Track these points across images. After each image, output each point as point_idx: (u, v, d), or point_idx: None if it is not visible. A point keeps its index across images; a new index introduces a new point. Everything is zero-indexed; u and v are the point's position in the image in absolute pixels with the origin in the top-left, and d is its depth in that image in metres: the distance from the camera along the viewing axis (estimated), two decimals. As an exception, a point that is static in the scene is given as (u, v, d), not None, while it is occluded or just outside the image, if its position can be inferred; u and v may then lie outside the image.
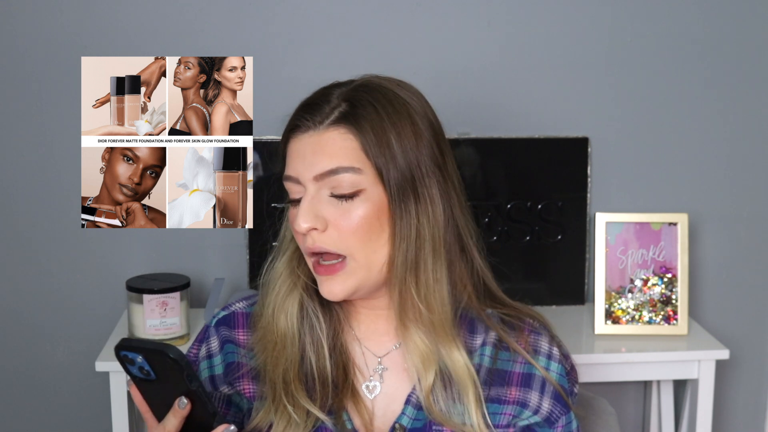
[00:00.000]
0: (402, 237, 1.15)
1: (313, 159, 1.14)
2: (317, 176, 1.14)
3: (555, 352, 1.24)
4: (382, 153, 1.14)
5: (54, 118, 1.94)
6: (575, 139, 2.00)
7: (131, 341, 1.04)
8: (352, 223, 1.14)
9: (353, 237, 1.14)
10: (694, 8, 2.01)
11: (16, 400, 2.04)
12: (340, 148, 1.14)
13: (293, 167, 1.16)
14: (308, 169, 1.14)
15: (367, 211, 1.14)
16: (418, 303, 1.17)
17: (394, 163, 1.14)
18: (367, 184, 1.14)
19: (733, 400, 2.16)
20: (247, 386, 1.23)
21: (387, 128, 1.14)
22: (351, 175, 1.13)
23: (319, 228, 1.14)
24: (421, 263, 1.17)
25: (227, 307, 1.29)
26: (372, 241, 1.15)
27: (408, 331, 1.19)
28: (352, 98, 1.16)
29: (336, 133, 1.14)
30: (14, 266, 2.00)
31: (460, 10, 1.97)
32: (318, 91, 1.20)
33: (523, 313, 1.27)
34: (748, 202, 2.09)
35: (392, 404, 1.22)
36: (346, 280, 1.16)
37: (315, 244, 1.15)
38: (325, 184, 1.14)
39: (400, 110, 1.16)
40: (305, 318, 1.22)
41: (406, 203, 1.15)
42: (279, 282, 1.23)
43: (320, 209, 1.14)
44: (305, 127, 1.16)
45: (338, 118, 1.15)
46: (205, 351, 1.26)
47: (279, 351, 1.20)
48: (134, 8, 1.92)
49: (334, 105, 1.16)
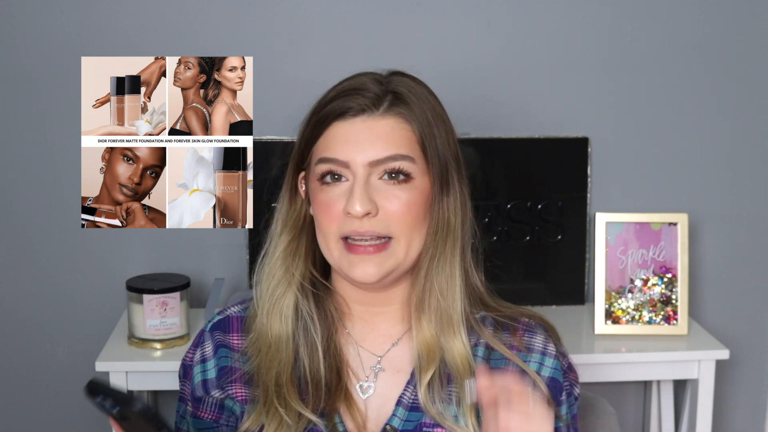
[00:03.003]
0: (437, 228, 1.18)
1: (369, 144, 1.15)
2: (373, 162, 1.15)
3: (550, 349, 1.24)
4: (432, 144, 1.17)
5: (54, 118, 1.94)
6: (575, 139, 2.00)
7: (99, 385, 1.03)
8: (403, 208, 1.15)
9: (402, 222, 1.16)
10: (694, 9, 2.01)
11: (16, 400, 2.04)
12: (398, 136, 1.16)
13: (342, 151, 1.16)
14: (363, 153, 1.15)
15: (416, 199, 1.16)
16: (437, 295, 1.19)
17: (437, 155, 1.17)
18: (417, 174, 1.17)
19: (733, 400, 2.16)
20: (239, 390, 1.23)
21: (431, 121, 1.18)
22: (406, 163, 1.16)
23: (372, 212, 1.15)
24: (443, 256, 1.19)
25: (222, 312, 1.29)
26: (417, 228, 1.17)
27: (420, 323, 1.20)
28: (395, 89, 1.18)
29: (393, 120, 1.16)
30: (14, 266, 2.00)
31: (460, 10, 1.97)
32: (349, 80, 1.20)
33: (520, 314, 1.27)
34: (748, 202, 2.09)
35: (385, 406, 1.21)
36: (384, 262, 1.16)
37: (363, 228, 1.15)
38: (377, 169, 1.15)
39: (435, 106, 1.20)
40: (299, 320, 1.22)
41: (442, 196, 1.19)
42: (273, 283, 1.23)
43: (372, 194, 1.15)
44: (357, 111, 1.16)
45: (391, 105, 1.16)
46: (199, 355, 1.26)
47: (273, 354, 1.21)
48: (134, 8, 1.92)
49: (380, 92, 1.17)
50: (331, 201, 1.16)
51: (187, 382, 1.27)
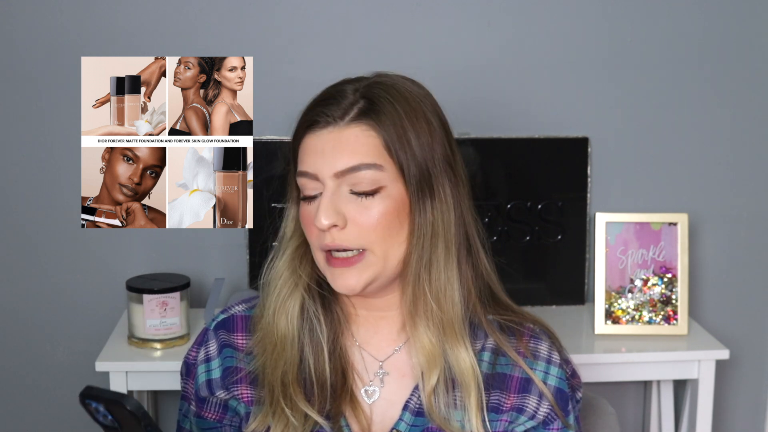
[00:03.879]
0: (419, 234, 1.15)
1: (334, 155, 1.13)
2: (338, 173, 1.13)
3: (555, 357, 1.24)
4: (403, 150, 1.14)
5: (54, 118, 1.94)
6: (575, 139, 2.00)
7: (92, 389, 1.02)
8: (372, 220, 1.13)
9: (373, 233, 1.14)
10: (694, 8, 2.01)
11: (16, 401, 2.04)
12: (362, 145, 1.13)
13: (311, 163, 1.15)
14: (328, 165, 1.13)
15: (387, 208, 1.14)
16: (431, 301, 1.17)
17: (414, 160, 1.14)
18: (388, 181, 1.14)
19: (733, 400, 2.16)
20: (245, 391, 1.22)
21: (406, 125, 1.14)
22: (373, 172, 1.13)
23: (339, 225, 1.13)
24: (434, 261, 1.17)
25: (226, 310, 1.29)
26: (391, 237, 1.15)
27: (417, 329, 1.18)
28: (370, 95, 1.15)
29: (358, 129, 1.14)
30: (14, 266, 2.00)
31: (460, 10, 1.97)
32: (330, 88, 1.19)
33: (525, 319, 1.26)
34: (748, 202, 2.09)
35: (390, 410, 1.21)
36: (363, 273, 1.15)
37: (334, 242, 1.14)
38: (345, 180, 1.13)
39: (416, 108, 1.16)
40: (305, 320, 1.21)
41: (423, 200, 1.15)
42: (280, 283, 1.22)
43: (340, 206, 1.13)
44: (324, 123, 1.14)
45: (359, 114, 1.14)
46: (203, 354, 1.26)
47: (278, 353, 1.20)
48: (134, 8, 1.92)
49: (351, 101, 1.15)
50: (309, 215, 1.16)
51: (190, 381, 1.27)
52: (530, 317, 1.27)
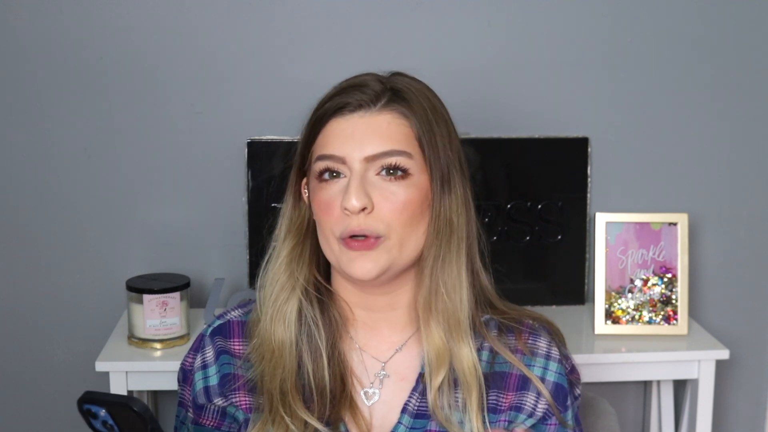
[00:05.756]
0: (438, 229, 1.16)
1: (366, 140, 1.13)
2: (369, 157, 1.13)
3: (553, 353, 1.24)
4: (430, 143, 1.16)
5: (54, 118, 1.94)
6: (575, 139, 2.00)
7: (95, 394, 1.01)
8: (398, 206, 1.14)
9: (397, 219, 1.14)
10: (694, 8, 2.01)
11: (17, 400, 2.04)
12: (395, 132, 1.14)
13: (339, 147, 1.14)
14: (359, 149, 1.13)
15: (412, 196, 1.15)
16: (445, 297, 1.17)
17: (437, 155, 1.16)
18: (415, 171, 1.15)
19: (733, 400, 2.16)
20: (243, 398, 1.22)
21: (431, 120, 1.16)
22: (403, 159, 1.14)
23: (368, 208, 1.13)
24: (447, 258, 1.17)
25: (222, 316, 1.28)
26: (412, 226, 1.15)
27: (429, 326, 1.18)
28: (396, 86, 1.17)
29: (390, 116, 1.15)
30: (14, 266, 2.00)
31: (460, 10, 1.97)
32: (352, 79, 1.19)
33: (524, 316, 1.27)
34: (748, 202, 2.09)
35: (389, 413, 1.21)
36: (379, 258, 1.14)
37: (360, 226, 1.13)
38: (374, 165, 1.14)
39: (437, 105, 1.19)
40: (303, 326, 1.20)
41: (443, 196, 1.17)
42: (276, 288, 1.21)
43: (368, 190, 1.14)
44: (355, 106, 1.15)
45: (390, 101, 1.15)
46: (200, 361, 1.25)
47: (276, 360, 1.19)
48: (134, 8, 1.92)
49: (380, 89, 1.16)
50: (330, 198, 1.15)
51: (187, 388, 1.26)
52: (530, 314, 1.27)
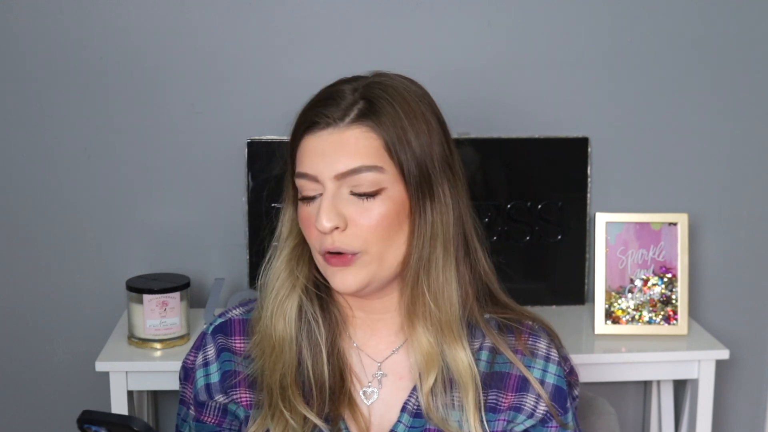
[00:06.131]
0: (419, 235, 1.15)
1: (335, 157, 1.12)
2: (339, 175, 1.12)
3: (553, 355, 1.24)
4: (403, 150, 1.13)
5: (53, 118, 1.94)
6: (575, 139, 2.00)
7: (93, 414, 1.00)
8: (372, 222, 1.13)
9: (373, 235, 1.13)
10: (695, 8, 2.01)
11: (17, 400, 2.04)
12: (363, 147, 1.12)
13: (310, 165, 1.14)
14: (329, 167, 1.12)
15: (387, 210, 1.13)
16: (429, 301, 1.17)
17: (414, 160, 1.14)
18: (388, 183, 1.13)
19: (733, 400, 2.16)
20: (243, 395, 1.22)
21: (405, 126, 1.14)
22: (373, 174, 1.12)
23: (340, 227, 1.12)
24: (432, 262, 1.16)
25: (224, 314, 1.28)
26: (390, 239, 1.14)
27: (415, 330, 1.18)
28: (369, 95, 1.14)
29: (358, 131, 1.13)
30: (14, 266, 2.00)
31: (460, 10, 1.97)
32: (328, 88, 1.18)
33: (524, 316, 1.26)
34: (748, 202, 2.09)
35: (389, 412, 1.21)
36: (359, 272, 1.14)
37: (334, 244, 1.13)
38: (346, 182, 1.13)
39: (415, 108, 1.16)
40: (303, 322, 1.21)
41: (423, 201, 1.15)
42: (277, 285, 1.22)
43: (341, 208, 1.13)
44: (324, 124, 1.13)
45: (359, 115, 1.13)
46: (201, 359, 1.26)
47: (276, 356, 1.19)
48: (134, 8, 1.92)
49: (351, 102, 1.14)
50: (308, 216, 1.15)
51: (188, 386, 1.27)
52: (529, 315, 1.27)
